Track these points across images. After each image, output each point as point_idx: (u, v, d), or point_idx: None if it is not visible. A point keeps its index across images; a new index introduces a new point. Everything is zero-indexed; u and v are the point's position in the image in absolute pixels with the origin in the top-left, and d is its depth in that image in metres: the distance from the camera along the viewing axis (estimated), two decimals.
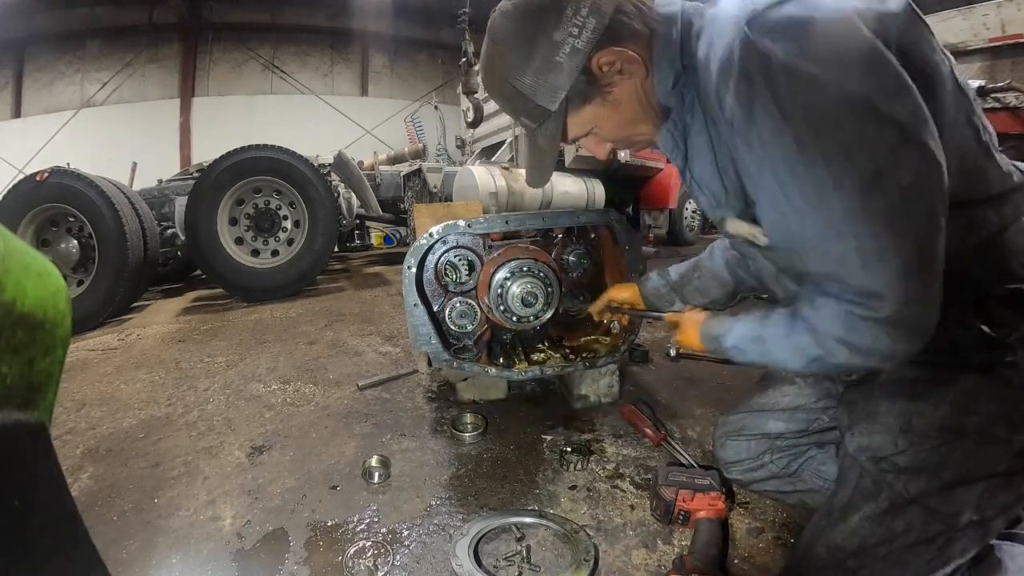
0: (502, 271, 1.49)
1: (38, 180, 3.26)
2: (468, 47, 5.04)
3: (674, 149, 0.88)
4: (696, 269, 1.22)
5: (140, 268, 3.46)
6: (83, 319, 3.20)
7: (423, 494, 1.20)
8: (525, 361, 1.55)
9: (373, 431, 1.54)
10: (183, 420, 1.71)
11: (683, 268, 1.25)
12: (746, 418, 1.10)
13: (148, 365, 2.36)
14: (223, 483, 1.30)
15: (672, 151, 0.89)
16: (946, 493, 0.73)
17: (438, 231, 1.43)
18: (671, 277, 1.26)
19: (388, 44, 12.28)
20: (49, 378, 0.33)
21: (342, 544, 1.04)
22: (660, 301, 1.26)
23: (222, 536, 1.09)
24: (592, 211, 1.57)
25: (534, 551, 0.99)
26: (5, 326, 0.28)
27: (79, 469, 1.41)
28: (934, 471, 0.74)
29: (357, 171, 4.91)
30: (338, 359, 2.28)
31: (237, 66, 11.69)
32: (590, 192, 4.03)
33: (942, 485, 0.73)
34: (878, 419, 0.81)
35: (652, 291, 1.27)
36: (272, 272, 3.86)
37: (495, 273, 1.50)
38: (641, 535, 1.03)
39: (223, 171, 3.70)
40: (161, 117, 11.05)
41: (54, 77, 10.91)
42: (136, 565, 1.02)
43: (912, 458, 0.75)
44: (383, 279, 4.75)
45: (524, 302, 1.47)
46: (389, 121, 11.96)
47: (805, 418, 1.03)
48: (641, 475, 1.24)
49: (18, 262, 0.29)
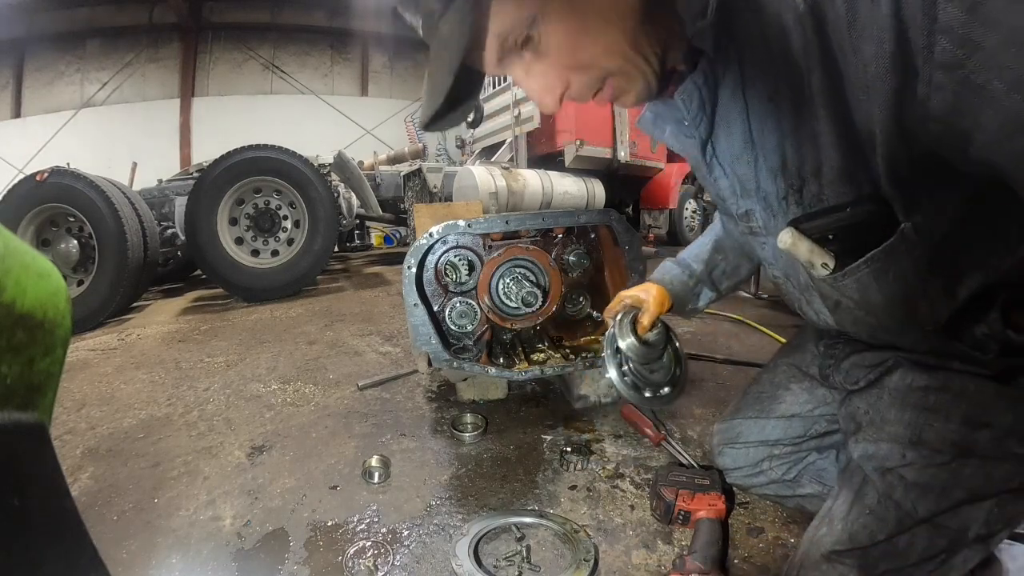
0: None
1: (38, 180, 3.26)
2: None
3: (697, 113, 0.68)
4: (719, 251, 1.09)
5: (140, 268, 3.46)
6: (83, 319, 3.19)
7: (423, 494, 1.20)
8: (525, 361, 1.55)
9: (373, 431, 1.54)
10: (183, 420, 1.71)
11: (702, 253, 1.10)
12: (741, 424, 1.08)
13: (148, 365, 2.36)
14: (223, 483, 1.30)
15: (695, 115, 0.68)
16: (955, 511, 0.69)
17: (438, 231, 1.43)
18: (694, 268, 1.10)
19: (388, 44, 12.27)
20: (49, 378, 0.33)
21: (342, 544, 1.04)
22: (688, 295, 1.11)
23: (222, 536, 1.09)
24: (592, 211, 1.57)
25: (534, 551, 0.99)
26: (5, 326, 0.28)
27: (79, 469, 1.40)
28: (943, 491, 0.69)
29: (357, 171, 4.91)
30: (338, 359, 2.28)
31: (237, 66, 11.70)
32: (590, 192, 4.04)
33: (951, 504, 0.69)
34: (886, 427, 0.75)
35: (680, 285, 1.10)
36: (272, 272, 3.86)
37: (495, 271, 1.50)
38: (641, 535, 1.03)
39: (223, 171, 3.70)
40: (161, 117, 11.06)
41: (54, 77, 10.92)
42: (136, 565, 1.01)
43: (920, 473, 0.70)
44: (383, 279, 4.75)
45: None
46: (389, 121, 11.97)
47: (802, 424, 1.01)
48: (641, 475, 1.24)
49: (18, 262, 0.29)
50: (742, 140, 0.67)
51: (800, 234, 0.64)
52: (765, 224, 0.75)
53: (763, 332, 2.37)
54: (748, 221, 0.77)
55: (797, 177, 0.64)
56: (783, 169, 0.65)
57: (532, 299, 1.53)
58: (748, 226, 0.79)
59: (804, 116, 0.59)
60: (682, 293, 1.09)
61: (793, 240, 0.64)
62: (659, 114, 0.81)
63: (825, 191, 0.63)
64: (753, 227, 0.78)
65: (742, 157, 0.68)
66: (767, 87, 0.61)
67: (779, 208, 0.69)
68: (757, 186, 0.69)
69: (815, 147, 0.60)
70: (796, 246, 0.64)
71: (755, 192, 0.70)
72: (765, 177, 0.68)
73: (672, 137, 0.81)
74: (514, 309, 1.57)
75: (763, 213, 0.73)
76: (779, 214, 0.70)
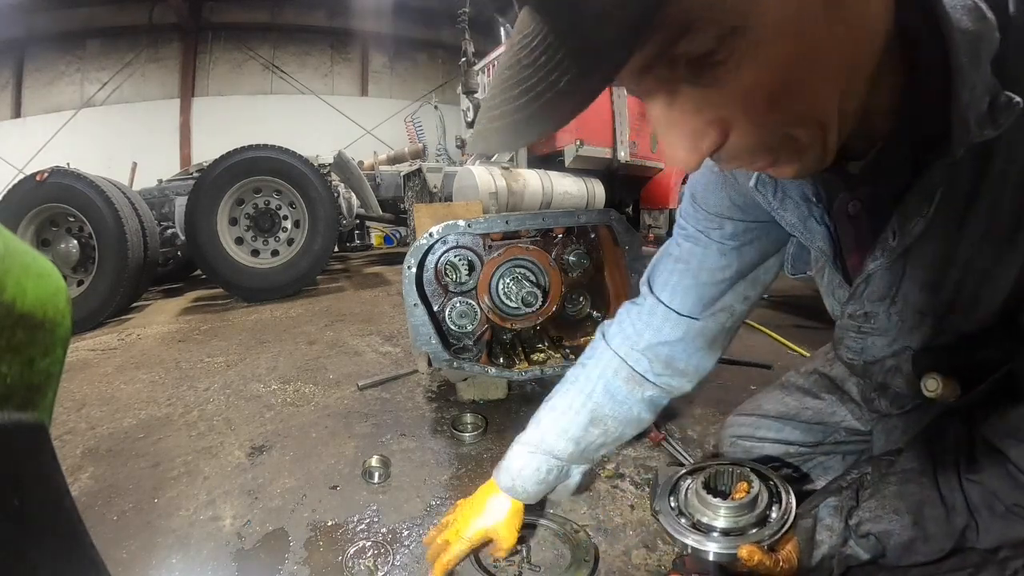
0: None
1: (38, 180, 3.26)
2: (468, 47, 5.03)
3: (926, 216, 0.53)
4: (594, 423, 0.90)
5: (140, 268, 3.46)
6: (83, 319, 3.20)
7: (423, 494, 1.20)
8: (525, 361, 1.55)
9: (373, 431, 1.54)
10: (183, 420, 1.71)
11: (572, 428, 0.89)
12: (760, 422, 1.06)
13: (148, 365, 2.36)
14: (223, 483, 1.30)
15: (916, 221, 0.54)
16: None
17: (438, 231, 1.43)
18: (559, 449, 0.90)
19: (388, 44, 12.26)
20: (49, 378, 0.33)
21: (342, 544, 1.04)
22: (548, 488, 0.94)
23: (222, 536, 1.09)
24: (592, 211, 1.57)
25: (534, 551, 0.99)
26: (5, 326, 0.28)
27: (79, 469, 1.40)
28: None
29: (357, 171, 4.92)
30: (338, 359, 2.28)
31: (237, 66, 11.69)
32: (590, 192, 4.03)
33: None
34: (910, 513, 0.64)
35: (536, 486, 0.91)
36: (272, 272, 3.87)
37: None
38: (641, 535, 1.03)
39: (223, 171, 3.70)
40: (161, 117, 11.04)
41: (54, 77, 10.90)
42: (136, 565, 1.01)
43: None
44: (383, 279, 4.75)
45: None
46: (389, 121, 11.95)
47: (823, 432, 1.00)
48: (641, 475, 1.24)
49: (18, 262, 0.29)
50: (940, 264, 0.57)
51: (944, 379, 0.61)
52: (883, 328, 0.69)
53: (763, 332, 2.36)
54: (863, 321, 0.70)
55: (949, 302, 0.59)
56: (937, 288, 0.59)
57: (532, 299, 1.53)
58: (858, 324, 0.71)
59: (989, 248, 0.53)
60: (542, 491, 0.93)
61: (941, 388, 0.61)
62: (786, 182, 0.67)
63: (967, 324, 0.60)
64: (864, 327, 0.71)
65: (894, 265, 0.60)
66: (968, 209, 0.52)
67: (912, 321, 0.64)
68: (895, 293, 0.63)
69: (984, 279, 0.55)
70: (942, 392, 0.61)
71: (890, 299, 0.63)
72: (910, 288, 0.62)
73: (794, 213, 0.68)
74: (514, 309, 1.57)
75: (888, 319, 0.67)
76: (907, 326, 0.65)
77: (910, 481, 0.64)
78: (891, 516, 0.64)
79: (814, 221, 0.67)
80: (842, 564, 0.67)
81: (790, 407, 1.04)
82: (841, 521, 0.67)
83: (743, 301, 0.86)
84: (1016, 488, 0.54)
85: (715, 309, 0.85)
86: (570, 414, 0.90)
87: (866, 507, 0.66)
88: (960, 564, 0.61)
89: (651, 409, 0.92)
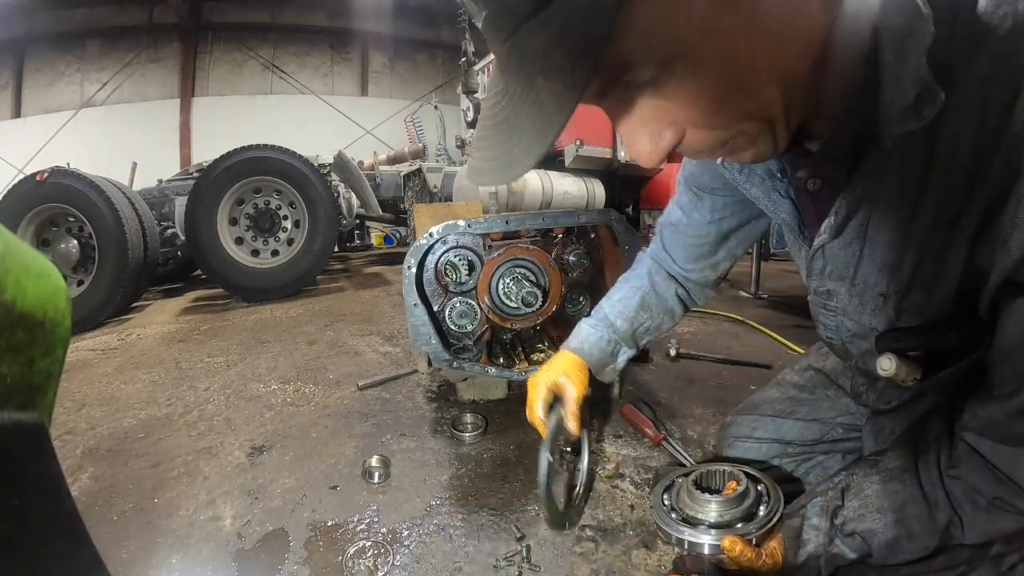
0: None
1: (38, 180, 3.26)
2: (468, 47, 5.03)
3: (877, 195, 0.57)
4: (645, 308, 1.07)
5: (140, 268, 3.46)
6: (83, 319, 3.19)
7: (423, 494, 1.20)
8: (525, 361, 1.55)
9: (373, 431, 1.54)
10: (183, 420, 1.71)
11: (627, 310, 1.08)
12: (758, 421, 1.07)
13: (148, 365, 2.36)
14: (223, 483, 1.30)
15: (859, 199, 0.58)
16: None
17: (438, 231, 1.44)
18: (618, 326, 1.08)
19: (388, 44, 12.27)
20: (49, 378, 0.33)
21: (342, 544, 1.04)
22: (606, 359, 1.08)
23: (222, 536, 1.09)
24: (592, 211, 1.57)
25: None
26: (5, 326, 0.28)
27: (79, 469, 1.40)
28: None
29: (357, 171, 4.91)
30: (338, 359, 2.28)
31: (237, 66, 11.69)
32: (590, 192, 4.03)
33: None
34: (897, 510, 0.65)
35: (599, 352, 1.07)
36: (272, 272, 3.86)
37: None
38: (641, 535, 1.03)
39: (223, 171, 3.70)
40: (161, 117, 11.04)
41: (54, 77, 10.91)
42: (136, 565, 1.02)
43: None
44: (383, 279, 4.75)
45: None
46: (389, 121, 11.95)
47: (820, 429, 1.01)
48: (641, 475, 1.24)
49: (18, 262, 0.29)
50: (901, 239, 0.59)
51: (901, 360, 0.63)
52: (845, 307, 0.72)
53: (763, 332, 2.37)
54: (827, 298, 0.74)
55: (907, 283, 0.61)
56: (895, 270, 0.62)
57: (532, 299, 1.53)
58: (823, 301, 0.76)
59: (940, 231, 0.55)
60: (601, 360, 1.07)
61: (895, 368, 0.63)
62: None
63: (930, 306, 0.62)
64: (829, 304, 0.75)
65: (850, 245, 0.64)
66: (921, 194, 0.54)
67: (873, 303, 0.67)
68: (854, 274, 0.66)
69: (938, 262, 0.57)
70: (896, 372, 0.64)
71: (850, 279, 0.66)
72: (869, 269, 0.65)
73: (759, 188, 0.74)
74: (514, 309, 1.57)
75: (849, 299, 0.70)
76: (868, 307, 0.68)
77: (893, 479, 0.64)
78: (874, 515, 0.64)
79: (778, 195, 0.72)
80: (829, 563, 0.67)
81: (786, 405, 1.05)
82: (827, 520, 0.67)
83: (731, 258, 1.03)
84: (997, 482, 0.54)
85: (712, 262, 1.03)
86: (626, 300, 1.09)
87: (850, 506, 0.66)
88: (950, 562, 0.61)
89: (682, 304, 1.08)
